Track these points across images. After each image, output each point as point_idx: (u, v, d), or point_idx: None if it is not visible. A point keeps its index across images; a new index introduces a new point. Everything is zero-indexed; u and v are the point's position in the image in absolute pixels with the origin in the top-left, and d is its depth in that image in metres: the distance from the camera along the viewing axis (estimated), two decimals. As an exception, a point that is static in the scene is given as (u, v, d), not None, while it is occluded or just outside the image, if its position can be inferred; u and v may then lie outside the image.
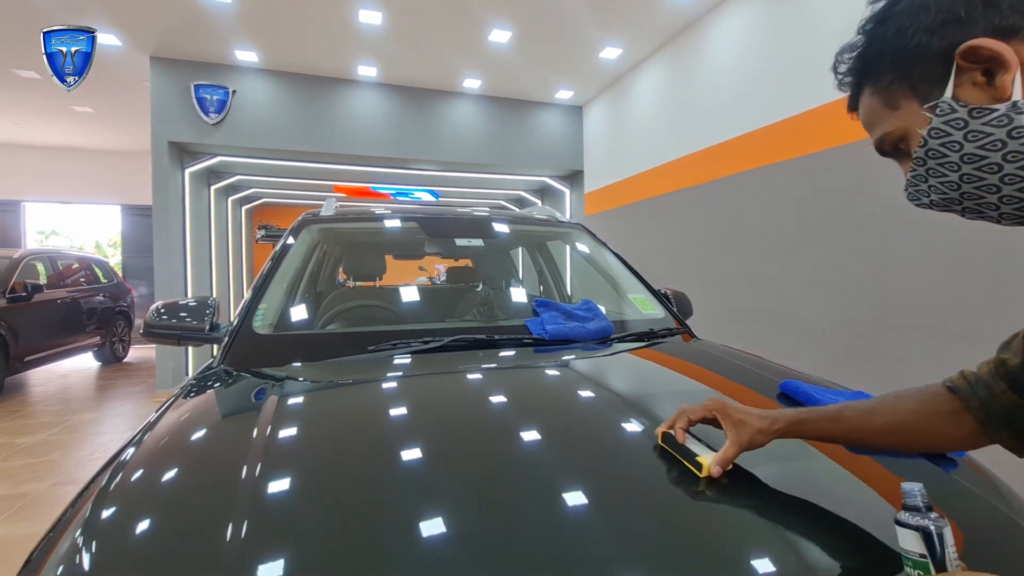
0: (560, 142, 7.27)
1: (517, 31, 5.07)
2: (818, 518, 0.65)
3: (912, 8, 0.50)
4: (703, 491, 0.68)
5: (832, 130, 3.41)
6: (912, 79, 0.51)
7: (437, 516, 0.62)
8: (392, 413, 0.95)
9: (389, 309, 1.74)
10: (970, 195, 0.51)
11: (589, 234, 2.15)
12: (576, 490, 0.68)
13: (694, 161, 4.90)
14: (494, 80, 6.40)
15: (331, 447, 0.83)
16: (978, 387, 0.65)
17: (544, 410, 0.99)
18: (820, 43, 3.53)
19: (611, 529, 0.61)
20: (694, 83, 4.90)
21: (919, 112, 0.51)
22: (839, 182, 3.35)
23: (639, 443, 0.83)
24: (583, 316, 1.54)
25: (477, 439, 0.86)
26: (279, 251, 1.67)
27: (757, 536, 0.61)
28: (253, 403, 0.99)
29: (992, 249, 2.52)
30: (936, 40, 0.48)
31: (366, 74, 6.15)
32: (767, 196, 3.97)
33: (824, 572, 0.55)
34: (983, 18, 0.46)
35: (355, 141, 6.36)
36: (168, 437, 0.88)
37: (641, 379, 1.24)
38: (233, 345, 1.33)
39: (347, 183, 8.42)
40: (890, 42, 0.53)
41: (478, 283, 2.16)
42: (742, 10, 4.27)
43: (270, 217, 10.07)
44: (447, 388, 1.12)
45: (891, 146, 0.57)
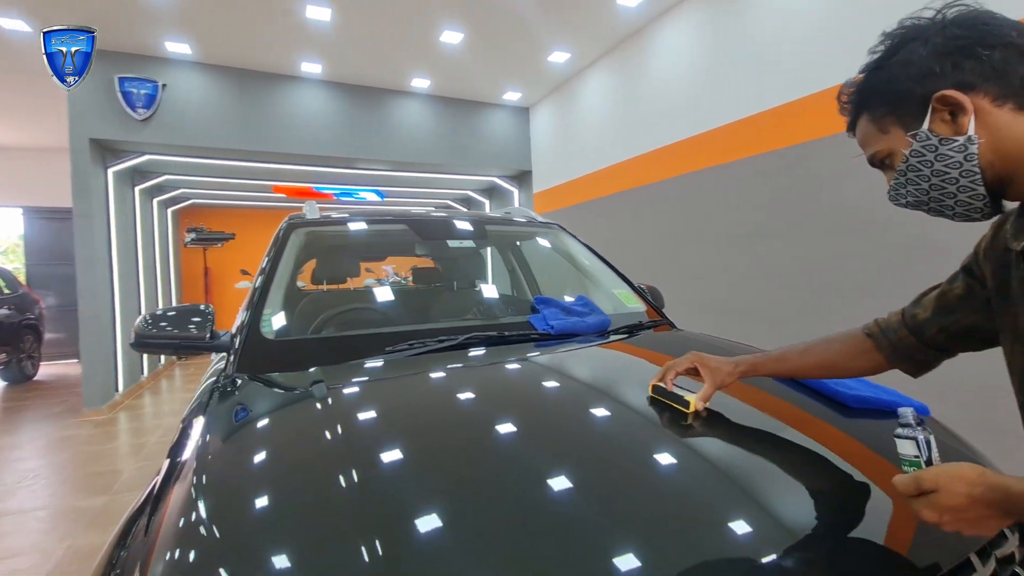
0: (508, 142, 7.38)
1: (469, 33, 5.12)
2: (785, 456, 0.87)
3: (902, 62, 0.68)
4: (691, 425, 0.92)
5: (771, 134, 3.75)
6: (899, 113, 0.69)
7: (538, 491, 0.70)
8: (448, 405, 1.01)
9: (391, 311, 1.75)
10: (935, 199, 0.70)
11: (568, 233, 2.26)
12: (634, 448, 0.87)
13: (642, 162, 5.17)
14: (443, 80, 6.40)
15: (411, 441, 0.88)
16: (888, 332, 0.91)
17: (578, 392, 1.09)
18: (760, 51, 3.86)
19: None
20: (640, 88, 5.17)
21: (903, 137, 0.69)
22: (782, 182, 3.69)
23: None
24: (581, 311, 1.64)
25: (536, 418, 0.95)
26: (273, 256, 1.64)
27: (740, 465, 0.83)
28: (308, 409, 1.00)
29: (927, 243, 2.89)
30: (918, 87, 0.66)
31: (310, 71, 5.95)
32: (713, 196, 4.28)
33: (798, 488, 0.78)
34: (951, 75, 0.64)
35: (297, 140, 6.14)
36: (241, 453, 0.87)
37: (644, 362, 1.37)
38: (246, 352, 1.31)
39: (287, 183, 8.09)
40: (884, 85, 0.70)
41: (472, 283, 2.21)
42: (686, 19, 4.57)
43: (200, 219, 9.46)
44: (484, 380, 1.19)
45: (879, 160, 0.74)
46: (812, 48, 3.44)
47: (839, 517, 0.73)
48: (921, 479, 0.61)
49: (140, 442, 4.35)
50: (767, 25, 3.77)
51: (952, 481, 0.59)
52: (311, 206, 2.06)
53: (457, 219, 2.09)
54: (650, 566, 0.59)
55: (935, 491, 0.60)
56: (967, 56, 0.63)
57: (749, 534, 0.65)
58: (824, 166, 3.36)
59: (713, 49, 4.26)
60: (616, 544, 0.62)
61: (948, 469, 0.61)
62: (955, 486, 0.59)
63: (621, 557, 0.59)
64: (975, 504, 0.58)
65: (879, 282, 3.06)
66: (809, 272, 3.49)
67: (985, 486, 0.58)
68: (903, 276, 2.91)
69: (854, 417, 0.99)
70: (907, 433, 0.68)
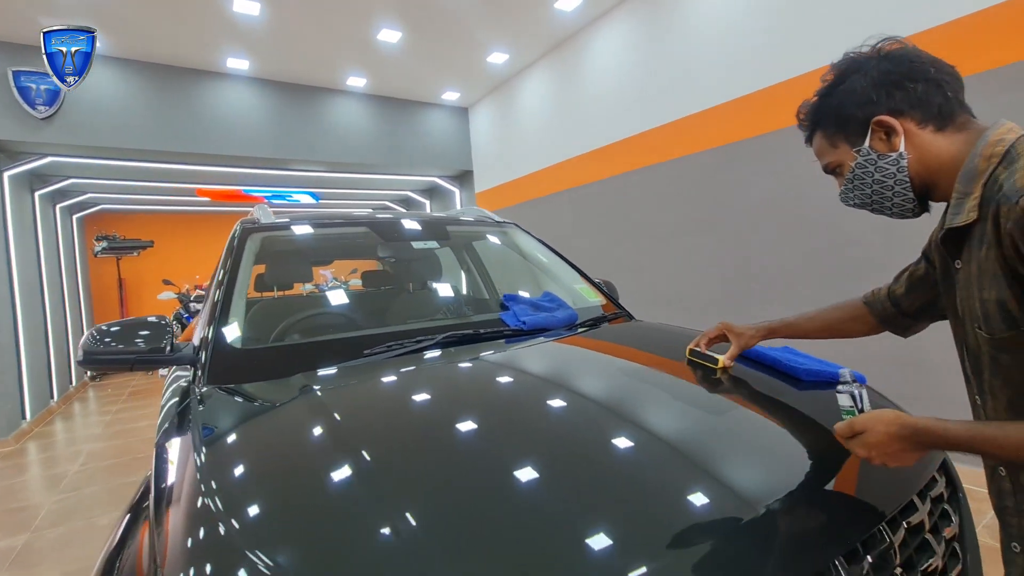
0: (448, 142, 7.36)
1: (407, 32, 5.06)
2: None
3: (847, 91, 0.83)
4: (720, 380, 1.13)
5: (699, 136, 4.01)
6: (846, 132, 0.84)
7: (546, 473, 0.75)
8: (448, 402, 1.04)
9: (358, 315, 1.73)
10: (876, 201, 0.86)
11: (525, 231, 2.32)
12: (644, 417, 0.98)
13: (580, 163, 5.34)
14: (380, 79, 6.28)
15: (423, 440, 0.90)
16: (877, 302, 1.08)
17: (572, 378, 1.16)
18: (688, 57, 4.11)
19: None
20: (578, 90, 5.34)
21: (850, 152, 0.84)
22: (709, 181, 3.95)
23: (655, 373, 1.25)
24: (549, 307, 1.71)
25: (529, 408, 1.00)
26: (231, 263, 1.58)
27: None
28: (304, 417, 0.99)
29: (828, 238, 3.20)
30: (860, 112, 0.81)
31: (237, 67, 5.64)
32: (647, 194, 4.51)
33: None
34: (886, 103, 0.79)
35: (224, 140, 5.79)
36: (243, 468, 0.85)
37: (618, 347, 1.46)
38: (216, 362, 1.26)
39: (212, 186, 7.61)
40: (834, 109, 0.85)
41: (435, 284, 2.21)
42: (619, 25, 4.77)
43: (111, 227, 8.68)
44: (474, 376, 1.22)
45: (831, 169, 0.90)
46: (735, 55, 3.72)
47: (793, 473, 0.84)
48: (853, 423, 0.77)
49: (58, 473, 3.95)
50: (695, 32, 4.02)
51: (875, 423, 0.74)
52: (263, 210, 1.99)
53: (417, 220, 2.09)
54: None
55: (864, 432, 0.75)
56: (897, 88, 0.78)
57: (715, 491, 0.77)
58: (746, 166, 3.66)
59: (645, 54, 4.49)
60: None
61: (873, 414, 0.76)
62: (877, 427, 0.74)
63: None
64: (893, 440, 0.72)
65: (793, 269, 3.37)
66: (733, 263, 3.77)
67: (899, 425, 0.72)
68: (815, 264, 3.23)
69: (806, 388, 1.13)
70: (844, 389, 0.83)
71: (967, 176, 0.74)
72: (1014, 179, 0.66)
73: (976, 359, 0.79)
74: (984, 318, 0.73)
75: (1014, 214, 0.64)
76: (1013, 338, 0.70)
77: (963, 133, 0.77)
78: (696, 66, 4.02)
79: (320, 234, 1.94)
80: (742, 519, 0.70)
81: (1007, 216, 0.66)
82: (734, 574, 0.63)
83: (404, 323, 1.72)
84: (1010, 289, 0.68)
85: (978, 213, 0.72)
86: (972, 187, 0.73)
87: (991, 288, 0.71)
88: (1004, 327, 0.70)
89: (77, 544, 2.69)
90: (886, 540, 0.76)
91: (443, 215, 2.38)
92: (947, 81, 0.78)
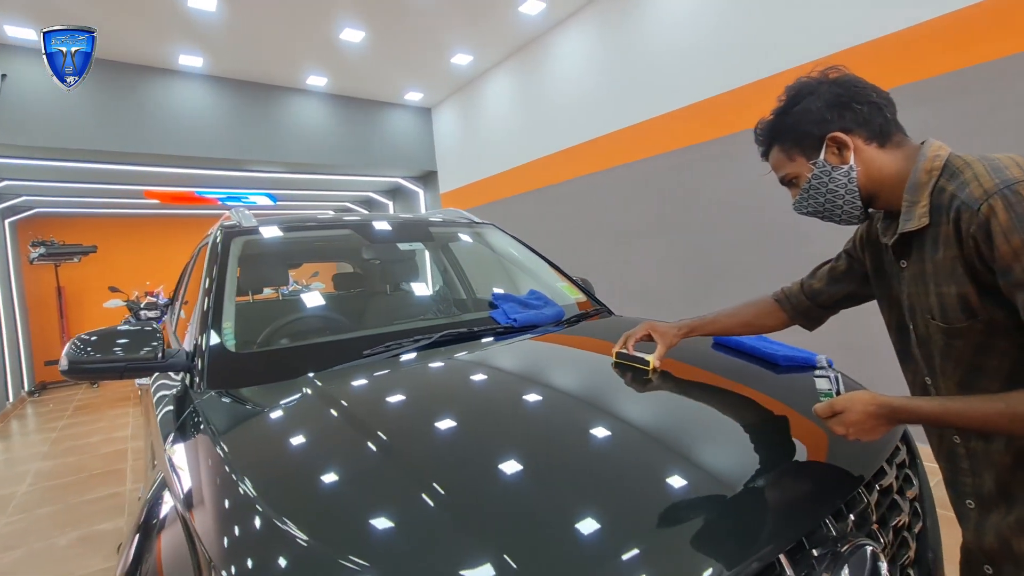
0: (411, 143, 7.31)
1: (370, 32, 5.01)
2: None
3: (803, 111, 0.92)
4: (652, 380, 1.15)
5: (659, 138, 4.17)
6: (802, 147, 0.93)
7: (577, 459, 0.81)
8: (461, 395, 1.09)
9: (348, 316, 1.74)
10: (827, 209, 0.96)
11: (503, 231, 2.38)
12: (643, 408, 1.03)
13: (545, 164, 5.44)
14: (341, 79, 6.18)
15: (431, 428, 0.94)
16: (791, 297, 1.19)
17: (567, 370, 1.23)
18: (649, 62, 4.27)
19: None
20: (542, 92, 5.44)
21: (806, 164, 0.93)
22: (669, 182, 4.13)
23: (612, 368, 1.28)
24: (537, 304, 1.77)
25: (539, 402, 1.05)
26: (218, 267, 1.56)
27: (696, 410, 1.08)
28: (322, 417, 1.01)
29: (784, 237, 3.42)
30: (816, 130, 0.90)
31: (190, 64, 5.42)
32: (609, 195, 4.66)
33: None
34: (838, 122, 0.89)
35: (175, 140, 5.56)
36: (277, 464, 0.86)
37: (607, 342, 1.53)
38: (215, 367, 1.26)
39: (162, 187, 7.27)
40: (790, 126, 0.94)
41: (420, 284, 2.23)
42: (582, 29, 4.89)
43: (49, 231, 8.12)
44: (474, 371, 1.27)
45: (788, 180, 0.99)
46: (697, 60, 3.91)
47: (783, 446, 0.94)
48: (833, 404, 0.85)
49: (3, 495, 3.70)
50: (657, 38, 4.19)
51: (853, 403, 0.83)
52: (240, 212, 1.96)
53: (400, 221, 2.11)
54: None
55: (843, 412, 0.84)
56: (847, 109, 0.88)
57: (717, 462, 0.85)
58: (707, 168, 3.85)
59: (608, 58, 4.63)
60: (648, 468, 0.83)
61: (850, 396, 0.85)
62: (855, 407, 0.83)
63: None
64: (870, 418, 0.82)
65: (753, 266, 3.58)
66: (696, 260, 3.96)
67: (876, 404, 0.82)
68: (773, 260, 3.44)
69: (783, 372, 1.24)
70: (822, 373, 0.93)
71: (913, 187, 0.85)
72: (969, 189, 0.77)
73: (926, 345, 0.91)
74: (940, 310, 0.84)
75: (976, 220, 0.75)
76: (970, 327, 0.81)
77: (901, 149, 0.89)
78: (659, 70, 4.19)
79: (302, 236, 1.93)
80: (741, 488, 0.78)
81: (969, 221, 0.76)
82: (741, 535, 0.71)
83: (392, 324, 1.75)
84: (971, 284, 0.79)
85: (929, 219, 0.83)
86: (919, 196, 0.84)
87: (949, 284, 0.81)
88: (963, 317, 0.81)
89: (39, 567, 2.54)
90: (864, 501, 0.86)
91: (422, 216, 2.40)
92: (885, 104, 0.89)
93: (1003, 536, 0.83)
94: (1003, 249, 0.72)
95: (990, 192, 0.74)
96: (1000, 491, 0.84)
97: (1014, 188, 0.72)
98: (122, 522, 2.97)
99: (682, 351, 1.32)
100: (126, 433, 4.95)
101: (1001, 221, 0.72)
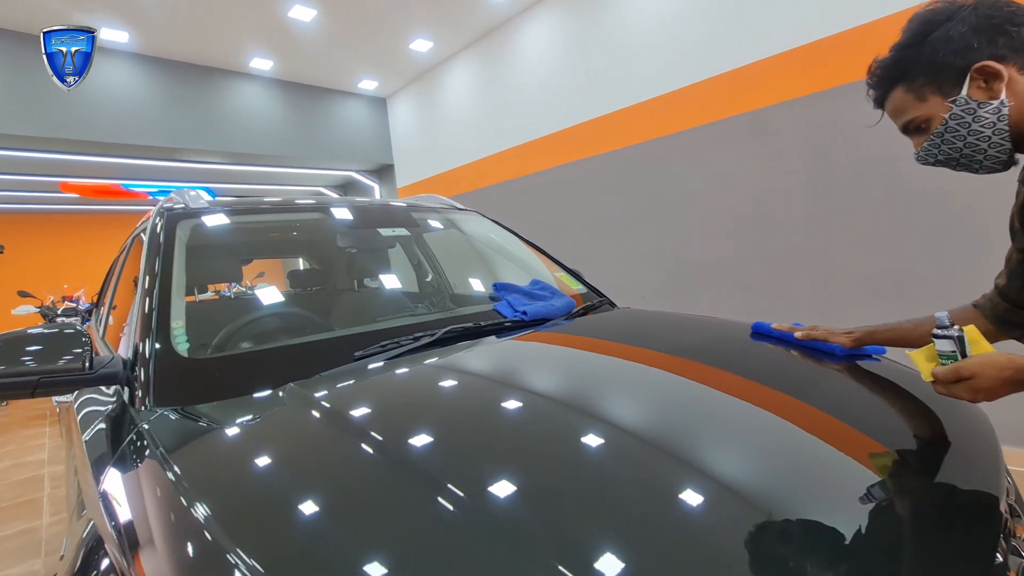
0: (365, 134, 6.93)
1: (321, 10, 4.64)
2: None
3: (943, 39, 0.78)
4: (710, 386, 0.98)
5: (637, 128, 4.08)
6: (939, 82, 0.79)
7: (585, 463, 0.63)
8: (478, 401, 0.88)
9: (328, 313, 1.47)
10: (966, 156, 0.81)
11: (490, 219, 2.17)
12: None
13: (512, 156, 5.25)
14: (288, 63, 5.73)
15: (446, 443, 0.74)
16: (987, 302, 0.98)
17: (605, 367, 1.04)
18: (617, 51, 4.16)
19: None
20: (507, 82, 5.24)
21: (942, 103, 0.79)
22: (641, 174, 4.04)
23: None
24: (543, 296, 1.57)
25: (556, 402, 0.86)
26: (162, 257, 1.27)
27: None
28: (320, 437, 0.77)
29: (754, 227, 3.39)
30: (958, 60, 0.77)
31: (112, 40, 4.84)
32: (582, 187, 4.53)
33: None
34: (987, 49, 0.76)
35: (95, 125, 4.95)
36: (249, 497, 0.64)
37: (631, 335, 1.36)
38: (165, 378, 0.98)
39: (81, 179, 6.52)
40: (926, 57, 0.80)
41: (402, 276, 1.98)
42: (548, 17, 4.74)
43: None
44: (487, 374, 1.05)
45: (915, 126, 0.84)
46: (665, 50, 3.83)
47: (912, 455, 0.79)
48: (960, 368, 0.74)
49: None
50: (625, 27, 4.09)
51: (986, 368, 0.73)
52: (187, 194, 1.64)
53: (380, 206, 1.85)
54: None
55: (972, 377, 0.73)
56: (1000, 33, 0.75)
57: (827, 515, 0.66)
58: (677, 160, 3.78)
59: (575, 48, 4.50)
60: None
61: (982, 359, 0.74)
62: (989, 371, 0.73)
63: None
64: (1005, 384, 0.72)
65: (724, 257, 3.54)
66: (668, 252, 3.90)
67: (1014, 369, 0.71)
68: (743, 251, 3.42)
69: (841, 361, 1.10)
70: (944, 333, 0.80)
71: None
72: None
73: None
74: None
75: None
76: None
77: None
78: (627, 61, 4.09)
79: (265, 221, 1.64)
80: (887, 517, 0.62)
81: None
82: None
83: (377, 321, 1.50)
84: None
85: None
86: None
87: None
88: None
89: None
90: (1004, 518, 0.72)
91: (399, 201, 2.15)
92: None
93: None
94: None
95: None
96: None
97: None
98: (38, 564, 2.52)
99: (704, 348, 1.19)
100: (42, 456, 4.34)
101: None
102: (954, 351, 0.79)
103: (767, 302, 3.32)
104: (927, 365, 0.81)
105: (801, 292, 3.17)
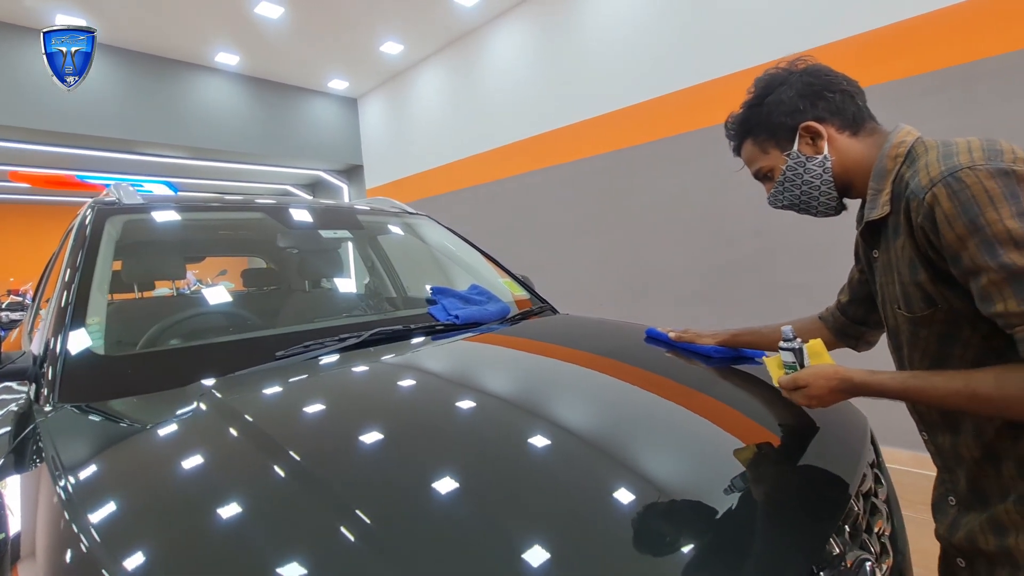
0: (334, 134, 6.87)
1: (290, 7, 4.61)
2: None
3: (776, 102, 0.90)
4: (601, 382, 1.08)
5: (601, 138, 4.17)
6: (776, 138, 0.91)
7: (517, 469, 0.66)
8: (391, 407, 0.89)
9: (257, 313, 1.46)
10: (804, 201, 0.93)
11: (440, 224, 2.20)
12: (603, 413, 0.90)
13: (479, 161, 5.29)
14: (255, 59, 5.66)
15: (355, 449, 0.75)
16: (830, 316, 1.13)
17: (522, 374, 1.07)
18: (585, 63, 4.25)
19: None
20: (477, 88, 5.28)
21: (780, 156, 0.91)
22: (602, 184, 4.13)
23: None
24: (479, 300, 1.60)
25: (485, 409, 0.89)
26: (85, 252, 1.25)
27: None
28: (219, 436, 0.78)
29: (709, 239, 3.50)
30: (789, 120, 0.89)
31: (67, 25, 4.68)
32: (543, 195, 4.60)
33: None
34: (811, 111, 0.87)
35: (52, 114, 4.80)
36: (151, 520, 0.61)
37: (557, 339, 1.40)
38: (73, 373, 0.97)
39: (33, 169, 6.28)
40: (764, 118, 0.92)
41: (341, 278, 1.98)
42: (519, 25, 4.80)
43: None
44: (405, 377, 1.07)
45: (763, 174, 0.96)
46: (633, 62, 3.93)
47: (766, 456, 0.86)
48: (797, 378, 0.87)
49: None
50: (594, 38, 4.18)
51: (816, 378, 0.85)
52: (122, 189, 1.62)
53: (325, 207, 1.86)
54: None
55: (806, 386, 0.85)
56: (819, 98, 0.87)
57: (702, 483, 0.75)
58: (638, 171, 3.88)
59: (546, 56, 4.58)
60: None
61: (813, 370, 0.86)
62: (819, 381, 0.85)
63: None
64: (833, 392, 0.84)
65: (681, 266, 3.65)
66: (627, 261, 3.99)
67: (839, 379, 0.83)
68: (698, 261, 3.53)
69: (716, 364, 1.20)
70: (787, 346, 0.91)
71: (878, 175, 0.84)
72: (918, 178, 0.75)
73: (896, 336, 0.89)
74: (904, 299, 0.82)
75: (923, 209, 0.73)
76: (932, 315, 0.79)
77: (872, 137, 0.87)
78: (594, 71, 4.18)
79: (203, 220, 1.63)
80: (738, 510, 0.68)
81: (917, 211, 0.74)
82: (754, 556, 0.60)
83: (312, 321, 1.51)
84: (927, 272, 0.77)
85: (891, 207, 0.82)
86: (883, 184, 0.83)
87: (909, 273, 0.80)
88: (924, 306, 0.79)
89: None
90: (855, 510, 0.79)
91: (347, 203, 2.16)
92: (856, 92, 0.88)
93: (972, 534, 0.80)
94: (949, 237, 0.71)
95: (935, 180, 0.72)
96: (972, 489, 0.81)
97: (957, 175, 0.70)
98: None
99: (623, 349, 1.26)
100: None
101: (945, 209, 0.70)
102: (794, 362, 0.90)
103: (714, 309, 3.43)
104: (777, 372, 0.92)
105: (747, 301, 3.29)
